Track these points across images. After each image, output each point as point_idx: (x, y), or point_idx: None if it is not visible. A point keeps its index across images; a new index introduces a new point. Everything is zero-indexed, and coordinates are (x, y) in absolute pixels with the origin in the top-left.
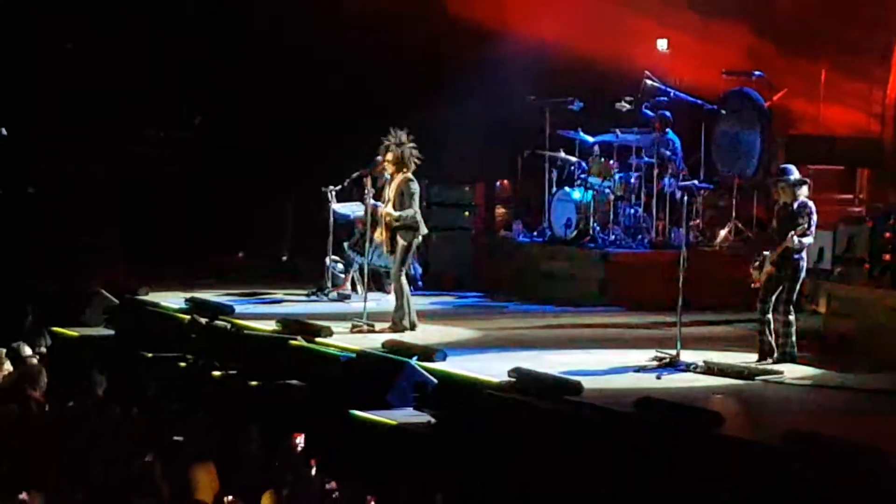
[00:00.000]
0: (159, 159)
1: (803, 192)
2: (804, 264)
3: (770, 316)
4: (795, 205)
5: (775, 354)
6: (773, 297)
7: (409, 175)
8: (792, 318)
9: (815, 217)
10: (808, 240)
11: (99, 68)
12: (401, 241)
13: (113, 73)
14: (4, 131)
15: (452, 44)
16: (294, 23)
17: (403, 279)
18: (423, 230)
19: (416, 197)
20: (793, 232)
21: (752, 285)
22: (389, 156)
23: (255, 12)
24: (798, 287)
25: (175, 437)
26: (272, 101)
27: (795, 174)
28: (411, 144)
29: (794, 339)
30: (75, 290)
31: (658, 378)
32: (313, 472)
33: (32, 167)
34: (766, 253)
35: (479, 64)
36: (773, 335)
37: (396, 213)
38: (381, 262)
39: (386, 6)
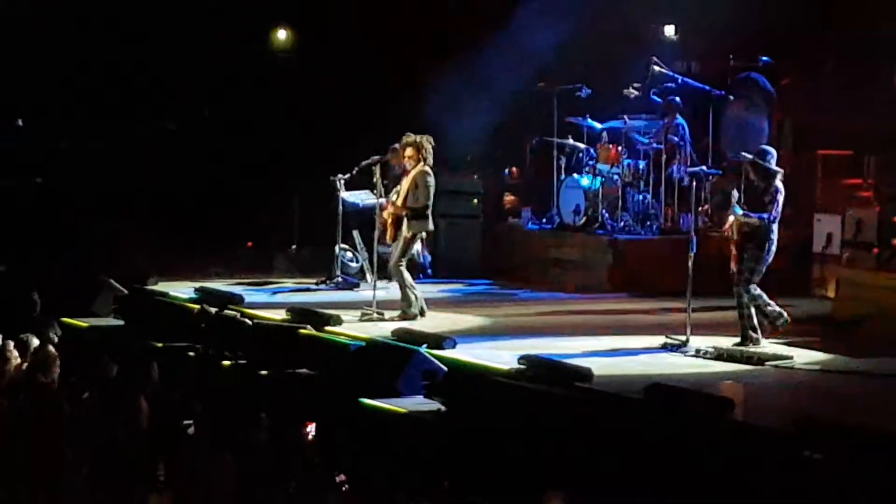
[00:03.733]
0: (168, 149)
1: (776, 178)
2: (773, 246)
3: (746, 297)
4: (763, 185)
5: (758, 339)
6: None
7: (427, 168)
8: (756, 292)
9: (780, 198)
10: (764, 217)
11: (107, 57)
12: (405, 232)
13: (122, 62)
14: (21, 122)
15: (460, 30)
16: (299, 12)
17: (403, 268)
18: (430, 226)
19: (431, 190)
20: (732, 200)
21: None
22: (409, 150)
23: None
24: (762, 266)
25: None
26: (279, 90)
27: (773, 157)
28: (429, 138)
29: (755, 319)
30: (84, 280)
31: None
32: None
33: (42, 157)
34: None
35: (487, 51)
36: (750, 318)
37: (399, 203)
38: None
39: None
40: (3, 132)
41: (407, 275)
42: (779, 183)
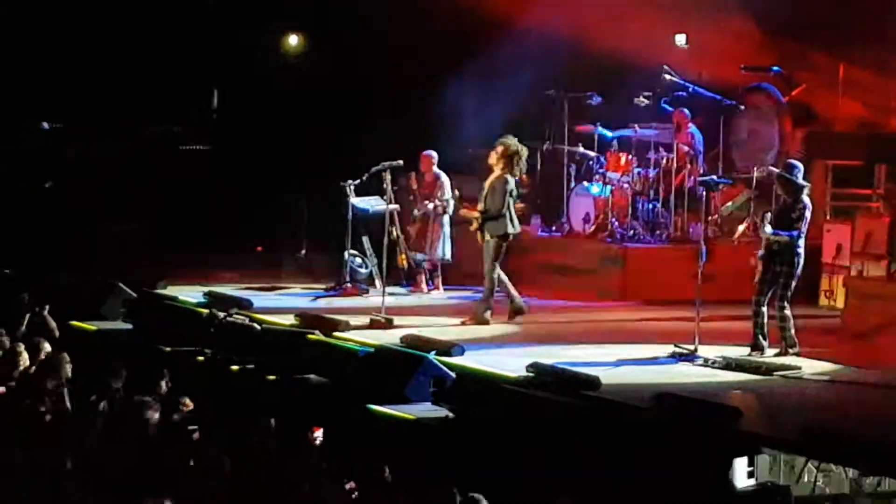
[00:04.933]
0: (176, 153)
1: (803, 192)
2: (801, 260)
3: (764, 309)
4: (791, 200)
5: (765, 348)
6: (770, 291)
7: (507, 175)
8: (788, 312)
9: (808, 213)
10: (794, 234)
11: (115, 60)
12: (489, 238)
13: (130, 66)
14: (46, 125)
15: (470, 38)
16: (310, 17)
17: (499, 273)
18: (511, 229)
19: (507, 195)
20: (765, 221)
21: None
22: (500, 149)
23: (267, 8)
24: (794, 282)
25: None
26: (291, 96)
27: (800, 172)
28: (523, 148)
29: (792, 331)
30: (94, 284)
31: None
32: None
33: (52, 160)
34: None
35: (497, 58)
36: (763, 328)
37: (480, 207)
38: (421, 257)
39: (402, 2)
40: (29, 134)
41: (496, 281)
42: (806, 198)
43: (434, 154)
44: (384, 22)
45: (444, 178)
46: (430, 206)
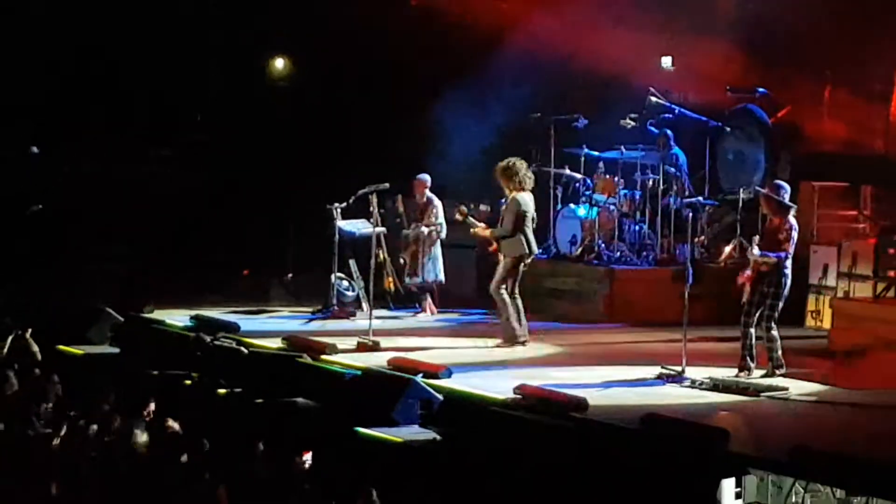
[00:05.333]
0: (164, 177)
1: (789, 213)
2: (788, 281)
3: (752, 330)
4: (778, 221)
5: (752, 369)
6: (757, 313)
7: (517, 195)
8: (775, 333)
9: (794, 235)
10: (781, 256)
11: (102, 85)
12: (502, 257)
13: (116, 90)
14: (36, 149)
15: (456, 61)
16: (296, 41)
17: (503, 294)
18: (525, 250)
19: (517, 215)
20: (752, 243)
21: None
22: (496, 173)
23: (254, 27)
24: (781, 303)
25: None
26: (277, 120)
27: (787, 193)
28: (524, 165)
29: (779, 353)
30: (81, 308)
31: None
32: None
33: (39, 184)
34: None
35: (483, 81)
36: (751, 350)
37: (490, 231)
38: (416, 280)
39: (387, 23)
40: (18, 157)
41: (507, 299)
42: (792, 219)
43: (427, 178)
44: (369, 46)
45: (437, 202)
46: (425, 230)
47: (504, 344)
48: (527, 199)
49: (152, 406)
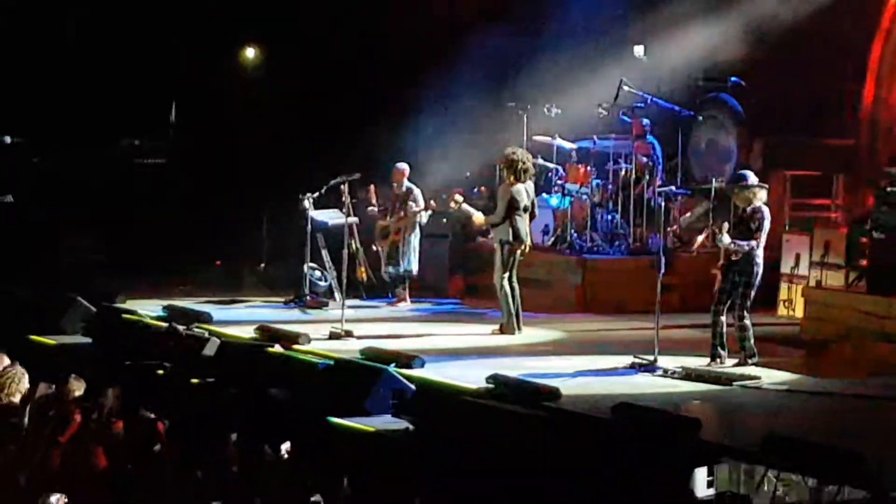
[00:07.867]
0: (136, 166)
1: (760, 197)
2: (759, 269)
3: (723, 318)
4: (749, 209)
5: (724, 358)
6: (728, 301)
7: (510, 183)
8: (747, 321)
9: (766, 223)
10: (752, 244)
11: (77, 77)
12: (496, 244)
13: (89, 80)
14: (8, 139)
15: (428, 50)
16: (268, 30)
17: (505, 283)
18: (509, 236)
19: (507, 204)
20: (722, 231)
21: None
22: (502, 159)
23: (234, 21)
24: (753, 292)
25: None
26: (249, 110)
27: (752, 179)
28: (527, 157)
29: (751, 341)
30: (53, 298)
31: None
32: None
33: (10, 173)
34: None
35: (456, 70)
36: (722, 338)
37: (485, 218)
38: (393, 271)
39: (360, 11)
40: None
41: (507, 289)
42: (765, 208)
43: (405, 167)
44: (342, 36)
45: (417, 190)
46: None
47: (498, 331)
48: (521, 190)
49: (113, 393)
